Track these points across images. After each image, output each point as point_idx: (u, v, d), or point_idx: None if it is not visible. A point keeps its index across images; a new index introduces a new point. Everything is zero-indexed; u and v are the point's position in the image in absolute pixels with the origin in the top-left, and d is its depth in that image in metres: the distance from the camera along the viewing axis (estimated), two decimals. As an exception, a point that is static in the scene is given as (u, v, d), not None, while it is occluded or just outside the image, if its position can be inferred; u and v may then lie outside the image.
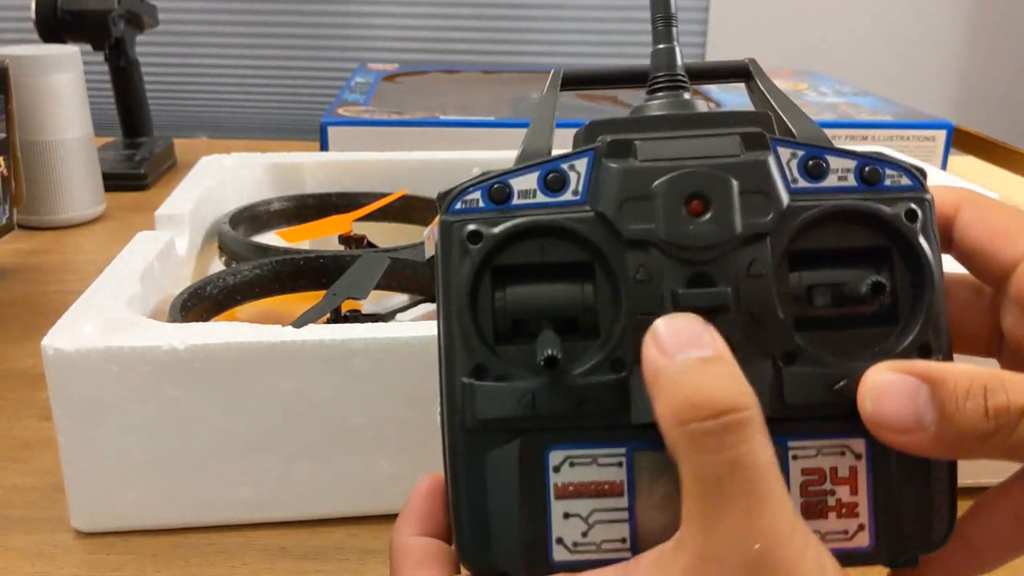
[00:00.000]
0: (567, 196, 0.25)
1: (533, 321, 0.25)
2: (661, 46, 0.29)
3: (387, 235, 0.68)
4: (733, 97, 1.11)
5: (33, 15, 0.98)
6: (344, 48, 2.03)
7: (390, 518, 0.45)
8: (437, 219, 0.26)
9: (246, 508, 0.44)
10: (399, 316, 0.57)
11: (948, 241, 0.28)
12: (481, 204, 0.26)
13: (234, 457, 0.43)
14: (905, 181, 0.26)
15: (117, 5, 1.01)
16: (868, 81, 1.41)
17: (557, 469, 0.25)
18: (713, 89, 1.15)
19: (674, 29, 0.28)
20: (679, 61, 0.28)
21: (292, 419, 0.43)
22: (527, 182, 0.26)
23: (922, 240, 0.26)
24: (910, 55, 2.04)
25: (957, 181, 0.70)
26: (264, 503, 0.44)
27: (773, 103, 0.29)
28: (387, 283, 0.55)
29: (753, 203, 0.25)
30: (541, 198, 0.25)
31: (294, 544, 0.43)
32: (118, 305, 0.45)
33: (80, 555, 0.42)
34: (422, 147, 0.83)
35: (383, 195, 0.70)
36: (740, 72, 0.31)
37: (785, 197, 0.25)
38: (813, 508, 0.25)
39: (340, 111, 0.97)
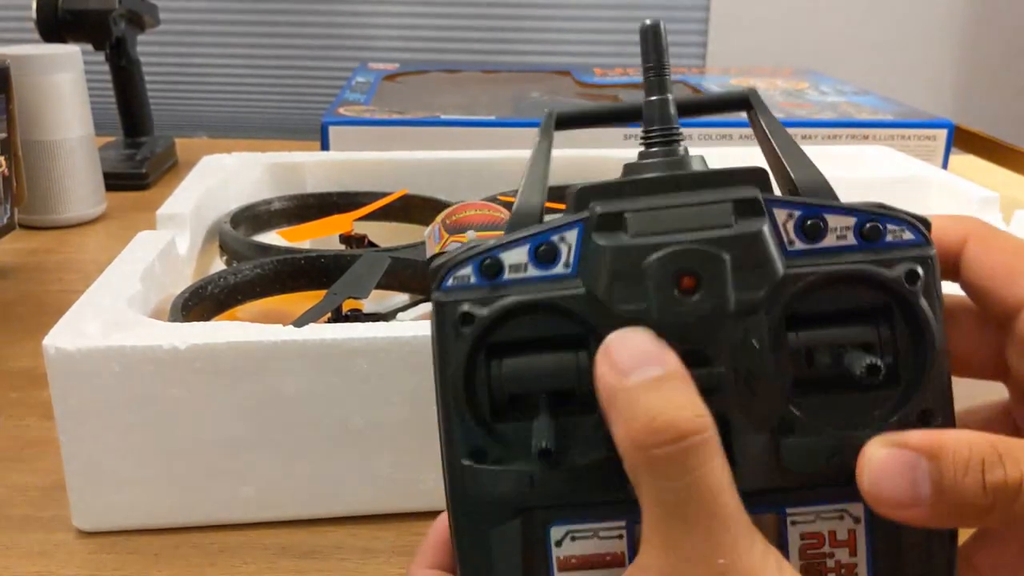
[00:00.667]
0: (558, 269, 0.25)
1: (529, 397, 0.25)
2: (654, 98, 0.28)
3: (388, 234, 0.68)
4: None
5: (34, 15, 0.98)
6: (345, 47, 2.03)
7: (391, 517, 0.45)
8: (439, 219, 0.26)
9: (247, 507, 0.44)
10: (400, 315, 0.57)
11: (955, 274, 0.28)
12: (473, 280, 0.25)
13: (235, 456, 0.43)
14: (907, 236, 0.25)
15: (118, 5, 1.01)
16: (869, 80, 1.41)
17: (559, 543, 0.25)
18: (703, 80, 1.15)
19: (667, 79, 0.28)
20: (673, 112, 0.28)
21: (293, 418, 0.43)
22: (518, 256, 0.25)
23: (923, 303, 0.25)
24: (911, 54, 2.04)
25: (960, 180, 0.70)
26: (265, 502, 0.44)
27: (773, 143, 0.28)
28: (388, 282, 0.55)
29: (746, 277, 0.24)
30: (532, 272, 0.25)
31: (295, 543, 0.43)
32: (119, 304, 0.45)
33: (82, 554, 0.42)
34: (423, 147, 0.83)
35: (384, 194, 0.70)
36: (741, 103, 0.30)
37: (780, 266, 0.25)
38: (812, 570, 0.25)
39: (341, 111, 0.97)
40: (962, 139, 1.22)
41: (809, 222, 0.25)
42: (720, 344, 0.24)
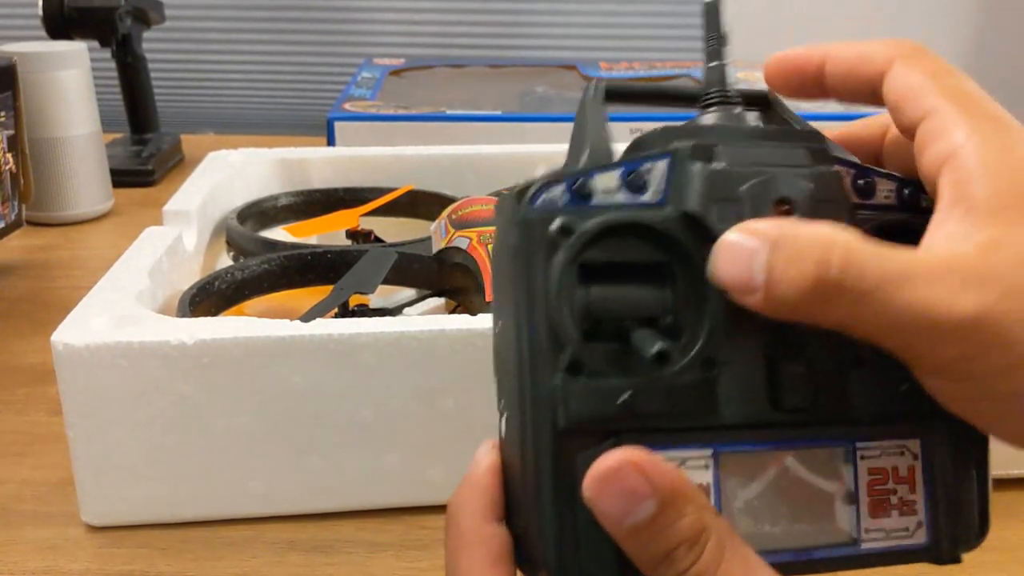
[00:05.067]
0: (648, 197, 0.25)
1: (610, 324, 0.25)
2: (714, 64, 0.29)
3: (394, 230, 0.68)
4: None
5: (40, 12, 0.98)
6: (350, 43, 2.03)
7: (398, 512, 0.45)
8: (445, 214, 0.26)
9: (255, 502, 0.44)
10: (406, 310, 0.57)
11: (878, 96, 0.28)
12: (564, 200, 0.25)
13: (243, 451, 0.43)
14: None
15: (124, 2, 1.01)
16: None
17: None
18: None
19: (725, 48, 0.29)
20: (730, 78, 0.29)
21: (300, 413, 0.43)
22: (609, 180, 0.25)
23: None
24: (918, 47, 2.04)
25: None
26: (273, 497, 0.44)
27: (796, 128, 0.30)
28: (394, 278, 0.56)
29: (829, 211, 0.25)
30: (622, 198, 0.25)
31: (303, 538, 0.44)
32: (127, 300, 0.45)
33: (91, 549, 0.43)
34: (429, 142, 0.83)
35: (390, 190, 0.70)
36: (760, 100, 0.31)
37: (853, 207, 0.26)
38: (879, 507, 0.26)
39: (346, 106, 0.97)
40: (969, 132, 1.22)
41: (862, 181, 0.27)
42: None
